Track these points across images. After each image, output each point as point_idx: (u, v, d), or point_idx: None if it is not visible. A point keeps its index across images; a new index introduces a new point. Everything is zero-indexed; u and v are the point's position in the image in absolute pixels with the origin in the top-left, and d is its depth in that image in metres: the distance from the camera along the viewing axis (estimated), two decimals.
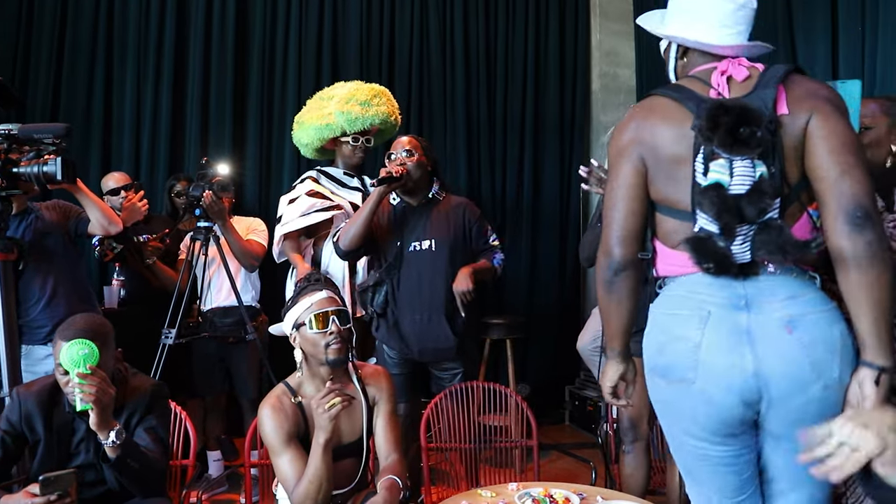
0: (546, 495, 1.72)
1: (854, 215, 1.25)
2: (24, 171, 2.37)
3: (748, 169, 1.29)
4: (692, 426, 1.39)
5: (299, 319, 1.82)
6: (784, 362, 1.29)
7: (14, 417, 1.85)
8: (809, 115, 1.32)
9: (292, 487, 1.72)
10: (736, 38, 1.44)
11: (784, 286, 1.33)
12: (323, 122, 3.00)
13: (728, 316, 1.33)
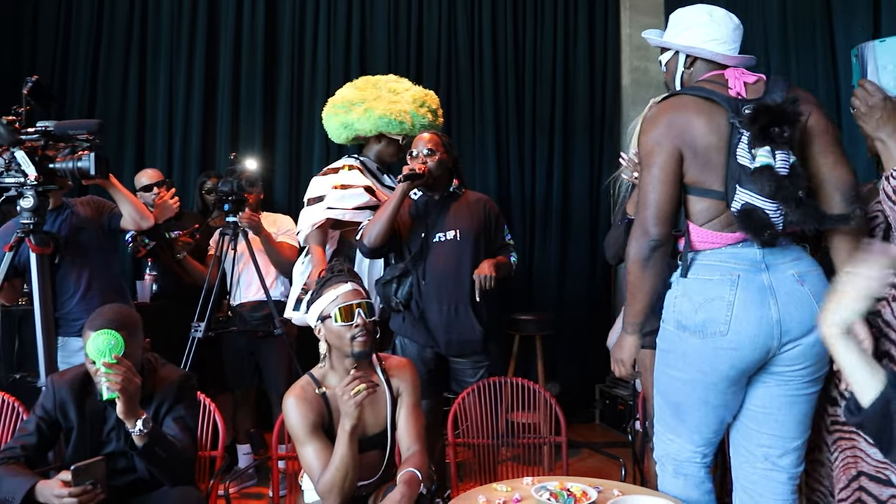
0: (563, 489, 1.69)
1: (849, 195, 1.58)
2: (60, 166, 2.43)
3: (786, 157, 1.53)
4: (711, 374, 1.63)
5: (325, 311, 1.81)
6: (799, 309, 1.58)
7: (49, 405, 1.89)
8: (808, 115, 1.59)
9: (318, 476, 1.72)
10: (734, 53, 1.77)
11: (789, 251, 1.63)
12: (395, 117, 2.85)
13: (754, 277, 1.59)
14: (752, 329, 1.57)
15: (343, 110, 2.96)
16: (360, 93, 2.97)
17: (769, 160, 1.52)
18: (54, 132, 2.42)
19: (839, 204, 1.57)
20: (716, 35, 1.75)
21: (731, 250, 1.62)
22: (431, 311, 2.56)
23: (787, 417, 1.66)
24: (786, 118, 1.52)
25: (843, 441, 1.70)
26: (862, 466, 1.65)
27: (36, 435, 1.86)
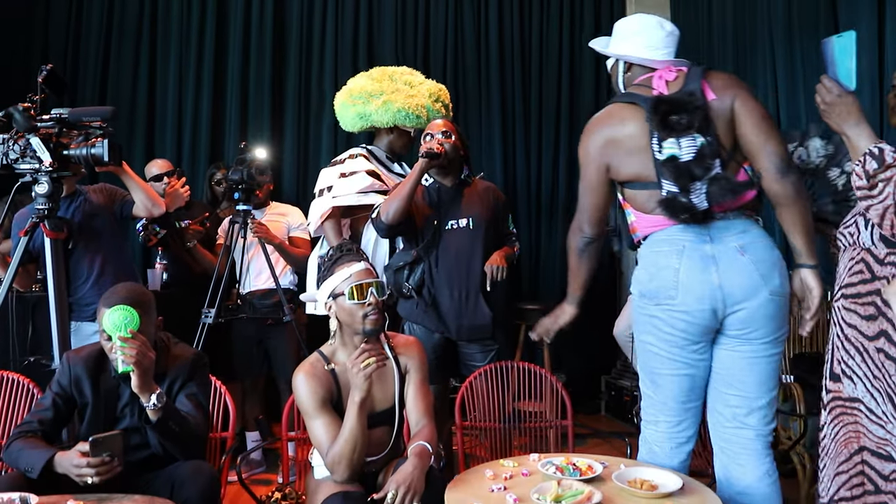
0: (569, 463, 1.72)
1: (780, 166, 1.70)
2: (74, 153, 2.47)
3: (692, 141, 1.70)
4: (671, 334, 1.79)
5: (337, 289, 1.85)
6: (740, 275, 1.72)
7: (64, 381, 1.92)
8: (733, 98, 1.74)
9: (326, 449, 1.75)
10: (667, 56, 1.91)
11: (735, 225, 1.76)
12: (413, 111, 2.92)
13: (697, 247, 1.75)
14: (696, 293, 1.74)
15: (361, 101, 3.00)
16: (378, 84, 3.01)
17: (674, 150, 1.71)
18: (69, 119, 2.47)
19: (773, 175, 1.70)
20: (648, 42, 1.91)
21: (679, 227, 1.77)
22: (443, 297, 2.60)
23: (749, 378, 1.78)
24: (681, 107, 1.69)
25: (845, 416, 1.72)
26: (864, 442, 1.67)
27: (52, 410, 1.90)
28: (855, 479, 1.68)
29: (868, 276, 1.67)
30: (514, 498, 1.55)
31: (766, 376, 1.79)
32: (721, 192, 1.68)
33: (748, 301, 1.72)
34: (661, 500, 1.54)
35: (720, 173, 1.69)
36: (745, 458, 1.82)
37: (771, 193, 1.74)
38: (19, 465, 1.74)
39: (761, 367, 1.78)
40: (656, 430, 1.91)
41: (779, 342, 1.79)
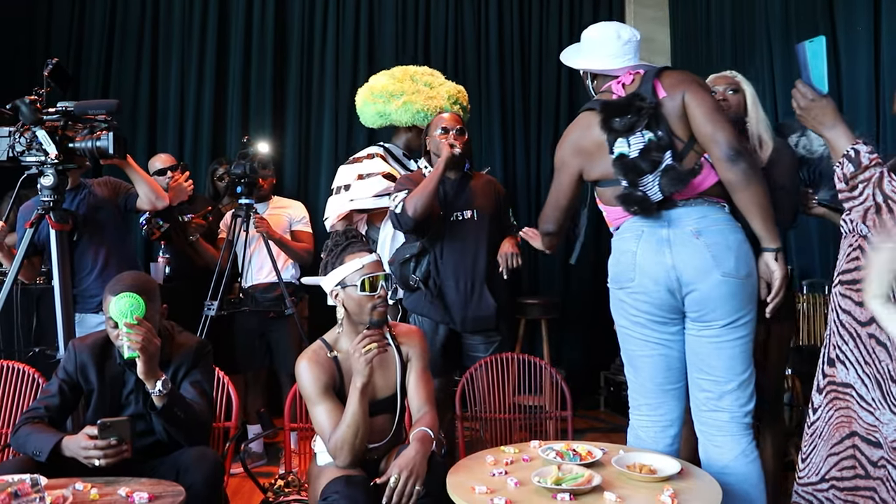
0: (569, 449, 1.74)
1: (729, 154, 1.75)
2: (79, 145, 2.50)
3: (640, 138, 1.81)
4: (637, 315, 1.89)
5: (348, 279, 1.87)
6: (692, 257, 1.79)
7: (70, 367, 1.95)
8: (683, 93, 1.82)
9: (329, 435, 1.77)
10: (626, 63, 1.97)
11: (695, 211, 1.83)
12: (431, 112, 2.98)
13: (655, 232, 1.84)
14: (651, 274, 1.83)
15: (382, 100, 3.09)
16: (399, 84, 3.09)
17: (623, 148, 1.82)
18: (74, 112, 2.50)
19: (724, 163, 1.76)
20: (607, 52, 1.99)
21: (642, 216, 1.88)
22: (448, 289, 2.64)
23: (717, 362, 1.83)
24: (624, 109, 1.81)
25: (837, 401, 1.75)
26: (855, 427, 1.70)
27: (58, 396, 1.92)
28: (846, 461, 1.71)
29: (863, 262, 1.70)
30: (514, 482, 1.58)
31: (734, 360, 1.82)
32: (671, 182, 1.77)
33: (700, 282, 1.78)
34: (659, 484, 1.57)
35: (670, 164, 1.78)
36: (721, 440, 1.86)
37: (724, 180, 1.80)
38: (27, 449, 1.77)
39: (726, 350, 1.82)
40: (639, 413, 1.99)
41: (741, 326, 1.82)
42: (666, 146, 1.79)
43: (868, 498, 1.67)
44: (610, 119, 1.83)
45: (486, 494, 1.51)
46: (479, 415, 2.56)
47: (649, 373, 1.94)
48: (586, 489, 1.51)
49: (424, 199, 2.53)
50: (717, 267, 1.77)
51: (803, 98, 1.67)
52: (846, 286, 1.74)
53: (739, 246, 1.80)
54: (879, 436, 1.64)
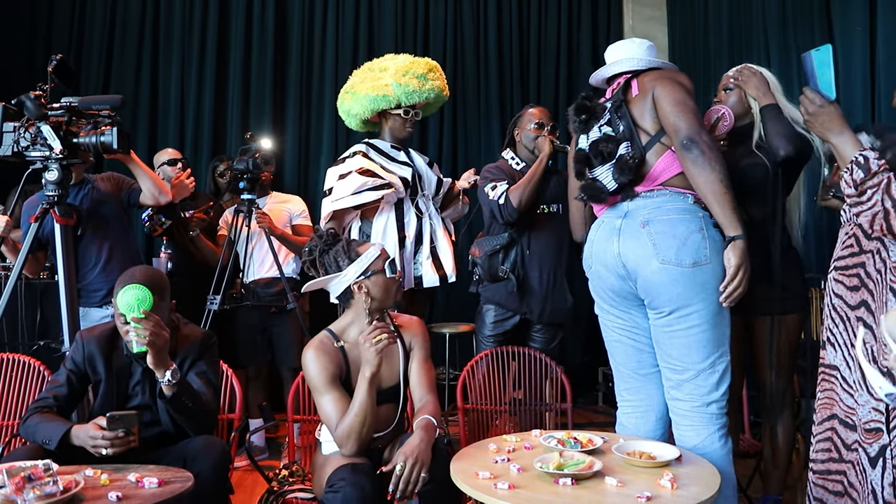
0: (569, 437, 1.77)
1: (682, 142, 1.80)
2: (83, 140, 2.52)
3: (595, 133, 1.95)
4: (598, 298, 2.05)
5: (373, 266, 1.92)
6: (634, 245, 1.88)
7: (78, 358, 1.97)
8: (654, 88, 1.89)
9: (336, 424, 1.80)
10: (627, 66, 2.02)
11: (651, 203, 1.89)
12: (379, 93, 2.87)
13: (611, 222, 1.95)
14: (602, 260, 1.96)
15: (342, 99, 3.03)
16: (352, 79, 3.04)
17: (582, 144, 1.99)
18: (78, 107, 2.52)
19: (678, 150, 1.82)
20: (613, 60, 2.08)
21: (609, 208, 1.99)
22: (532, 280, 2.74)
23: (672, 350, 1.89)
24: (577, 111, 1.98)
25: (825, 382, 1.79)
26: (836, 410, 1.74)
27: (66, 386, 1.94)
28: (823, 443, 1.76)
29: (856, 249, 1.74)
30: (517, 468, 1.61)
31: (688, 348, 1.85)
32: (619, 171, 1.87)
33: (641, 269, 1.86)
34: (658, 469, 1.60)
35: (622, 155, 1.87)
36: (684, 427, 1.90)
37: (683, 169, 1.85)
38: (37, 437, 1.79)
39: (679, 339, 1.85)
40: (622, 400, 2.07)
41: (693, 314, 1.83)
42: (622, 139, 1.89)
43: (837, 482, 1.71)
44: (573, 116, 2.00)
45: (490, 480, 1.54)
46: (479, 407, 2.58)
47: (622, 358, 2.04)
48: (588, 474, 1.54)
49: (530, 191, 2.67)
50: (655, 255, 1.83)
51: (811, 104, 1.69)
52: (839, 272, 1.78)
53: (688, 236, 1.83)
54: (856, 418, 1.68)
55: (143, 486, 1.49)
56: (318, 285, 1.98)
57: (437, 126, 4.77)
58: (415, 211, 2.87)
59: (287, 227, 3.38)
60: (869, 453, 1.61)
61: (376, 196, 2.80)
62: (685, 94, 1.88)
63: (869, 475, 1.60)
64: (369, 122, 3.09)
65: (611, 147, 1.90)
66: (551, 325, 2.83)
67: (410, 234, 2.94)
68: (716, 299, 1.83)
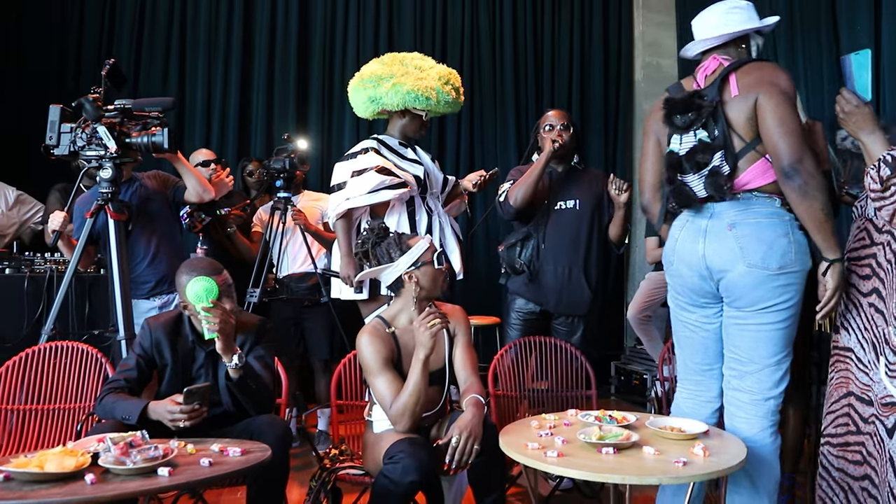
0: (605, 414, 1.93)
1: (785, 169, 1.78)
2: (136, 141, 2.67)
3: (691, 137, 1.91)
4: (676, 296, 2.07)
5: (423, 258, 2.07)
6: (720, 247, 1.89)
7: (146, 344, 2.12)
8: (757, 95, 1.83)
9: (390, 403, 1.95)
10: (703, 45, 1.99)
11: (738, 205, 1.89)
12: (422, 93, 2.86)
13: (696, 222, 1.96)
14: (686, 260, 1.97)
15: (371, 85, 2.94)
16: (388, 68, 2.98)
17: (675, 146, 1.94)
18: (132, 109, 2.67)
19: (780, 177, 1.81)
20: (702, 27, 2.03)
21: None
22: (547, 273, 2.86)
23: (740, 342, 1.92)
24: (685, 107, 1.89)
25: (839, 363, 1.95)
26: (852, 387, 1.91)
27: (136, 370, 2.09)
28: (841, 419, 1.92)
29: (868, 241, 1.91)
30: (562, 439, 1.77)
31: (758, 343, 1.88)
32: (711, 186, 1.88)
33: (727, 271, 1.87)
34: (688, 441, 1.76)
35: (715, 167, 1.87)
36: (740, 418, 1.95)
37: (783, 190, 1.83)
38: (115, 414, 1.93)
39: (751, 333, 1.89)
40: (682, 388, 2.13)
41: (770, 313, 1.86)
42: (717, 147, 1.86)
43: (856, 452, 1.87)
44: (671, 115, 1.92)
45: (539, 450, 1.70)
46: (508, 393, 2.73)
47: (689, 353, 2.07)
48: (627, 444, 1.70)
49: (525, 189, 2.79)
50: (742, 258, 1.84)
51: (848, 104, 1.84)
52: (852, 262, 1.95)
53: (775, 240, 1.84)
54: (872, 394, 1.84)
55: (227, 454, 1.64)
56: (372, 275, 2.13)
57: (455, 127, 4.92)
58: (426, 209, 2.93)
59: (319, 224, 3.53)
60: (886, 425, 1.77)
61: (393, 195, 2.83)
62: (789, 107, 1.81)
63: (887, 444, 1.77)
64: (381, 113, 3.05)
65: (707, 157, 1.87)
66: (571, 317, 2.96)
67: (421, 231, 3.03)
68: (795, 301, 1.86)
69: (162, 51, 4.59)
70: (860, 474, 1.87)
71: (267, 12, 4.67)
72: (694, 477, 1.58)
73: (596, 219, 2.94)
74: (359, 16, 4.80)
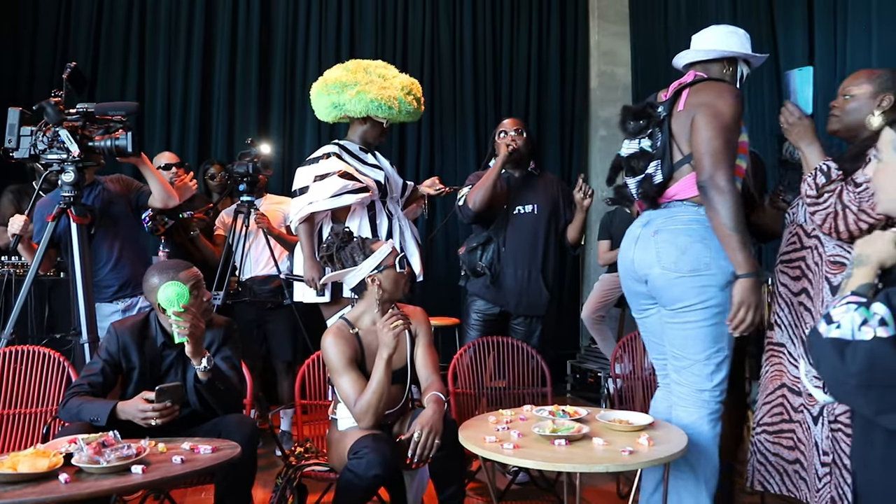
0: (558, 409, 2.05)
1: (699, 183, 1.91)
2: (98, 144, 2.68)
3: (635, 144, 2.08)
4: (627, 298, 2.22)
5: (385, 262, 2.16)
6: (644, 252, 2.05)
7: (112, 348, 2.14)
8: (695, 113, 1.96)
9: (354, 401, 2.04)
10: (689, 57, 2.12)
11: (666, 213, 2.04)
12: (385, 101, 2.93)
13: (633, 229, 2.13)
14: (623, 264, 2.15)
15: (336, 91, 2.98)
16: (353, 76, 3.03)
17: (622, 150, 2.11)
18: (95, 113, 2.68)
19: (699, 188, 1.93)
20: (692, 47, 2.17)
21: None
22: (507, 276, 2.98)
23: (672, 340, 2.05)
24: (638, 115, 2.05)
25: (773, 357, 2.13)
26: (784, 379, 2.09)
27: (101, 375, 2.10)
28: (776, 408, 2.09)
29: (798, 245, 2.08)
30: (517, 433, 1.88)
31: (686, 341, 2.00)
32: (641, 192, 2.04)
33: (647, 273, 2.03)
34: (635, 431, 1.89)
35: (648, 174, 2.02)
36: (680, 409, 2.06)
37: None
38: (82, 416, 1.95)
39: (677, 332, 2.01)
40: (660, 382, 2.26)
41: (690, 312, 1.96)
42: (654, 156, 2.01)
43: (788, 438, 2.05)
44: (625, 121, 2.08)
45: (496, 443, 1.80)
46: (467, 391, 2.84)
47: (650, 345, 2.25)
48: (578, 436, 1.82)
49: (483, 192, 2.91)
50: (658, 261, 1.99)
51: (791, 116, 2.00)
52: (784, 265, 2.12)
53: (689, 246, 1.96)
54: (801, 385, 2.01)
55: (198, 451, 1.69)
56: (336, 278, 2.21)
57: (416, 134, 5.02)
58: (386, 213, 3.01)
59: (282, 227, 3.58)
60: (812, 413, 1.94)
61: (355, 199, 2.88)
62: (716, 128, 1.90)
63: (812, 431, 1.94)
64: (342, 118, 3.08)
65: (642, 164, 2.02)
66: (529, 318, 3.09)
67: (382, 235, 3.10)
68: (716, 302, 1.94)
69: (120, 52, 4.55)
70: (792, 458, 2.04)
71: (228, 14, 4.68)
72: (639, 464, 1.72)
73: (553, 222, 3.07)
74: (320, 20, 4.85)
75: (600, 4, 5.41)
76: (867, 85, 1.98)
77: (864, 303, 1.18)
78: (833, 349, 1.17)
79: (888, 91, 1.94)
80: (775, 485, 2.09)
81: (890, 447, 1.21)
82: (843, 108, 2.01)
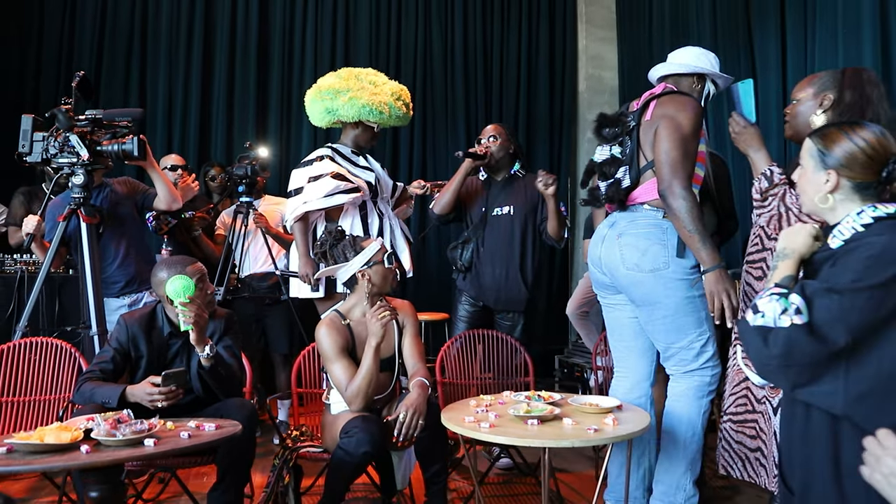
0: (534, 394, 2.23)
1: (659, 190, 2.10)
2: (106, 149, 2.86)
3: (606, 150, 2.26)
4: (595, 287, 2.42)
5: (375, 258, 2.33)
6: (609, 253, 2.24)
7: (123, 338, 2.31)
8: (658, 123, 2.13)
9: (346, 386, 2.21)
10: (663, 70, 2.32)
11: (630, 216, 2.22)
12: (376, 107, 3.07)
13: (601, 230, 2.31)
14: (592, 260, 2.33)
15: (329, 97, 3.12)
16: (345, 82, 3.18)
17: (596, 155, 2.27)
18: (103, 119, 2.85)
19: (659, 193, 2.10)
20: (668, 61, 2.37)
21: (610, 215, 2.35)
22: (486, 274, 3.14)
23: (653, 333, 2.24)
24: (612, 123, 2.23)
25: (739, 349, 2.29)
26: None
27: (112, 363, 2.28)
28: (740, 399, 2.25)
29: (760, 247, 2.24)
30: (495, 415, 2.05)
31: (658, 333, 2.22)
32: (609, 194, 2.21)
33: (613, 271, 2.23)
34: (603, 414, 2.06)
35: (617, 179, 2.20)
36: (673, 388, 2.30)
37: None
38: (95, 399, 2.12)
39: (655, 326, 2.20)
40: (616, 371, 2.45)
41: (657, 307, 2.16)
42: (623, 162, 2.20)
43: (751, 428, 2.21)
44: (601, 128, 2.25)
45: (474, 423, 1.98)
46: (453, 381, 3.01)
47: (611, 331, 2.42)
48: (550, 417, 1.99)
49: (446, 197, 3.11)
50: (622, 262, 2.19)
51: (737, 125, 2.17)
52: (749, 265, 2.29)
53: (648, 248, 2.15)
54: None
55: (203, 429, 1.87)
56: (329, 273, 2.39)
57: (408, 137, 5.19)
58: (377, 212, 3.13)
59: (279, 227, 3.75)
60: (772, 404, 2.11)
61: (347, 199, 3.03)
62: (676, 140, 2.06)
63: (773, 421, 2.10)
64: (335, 123, 3.21)
65: (612, 170, 2.21)
66: (511, 313, 3.25)
67: (373, 233, 3.20)
68: (681, 295, 2.14)
69: (123, 58, 4.73)
70: (754, 447, 2.21)
71: (227, 22, 4.86)
72: (603, 440, 1.89)
73: (530, 223, 3.21)
74: (316, 28, 5.03)
75: (588, 10, 5.59)
76: (809, 88, 2.12)
77: (784, 293, 1.35)
78: (758, 335, 1.34)
79: (828, 90, 2.07)
80: (738, 470, 2.26)
81: (808, 422, 1.38)
82: (792, 113, 2.16)
